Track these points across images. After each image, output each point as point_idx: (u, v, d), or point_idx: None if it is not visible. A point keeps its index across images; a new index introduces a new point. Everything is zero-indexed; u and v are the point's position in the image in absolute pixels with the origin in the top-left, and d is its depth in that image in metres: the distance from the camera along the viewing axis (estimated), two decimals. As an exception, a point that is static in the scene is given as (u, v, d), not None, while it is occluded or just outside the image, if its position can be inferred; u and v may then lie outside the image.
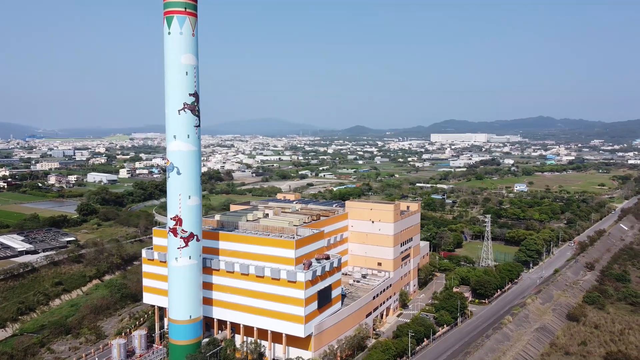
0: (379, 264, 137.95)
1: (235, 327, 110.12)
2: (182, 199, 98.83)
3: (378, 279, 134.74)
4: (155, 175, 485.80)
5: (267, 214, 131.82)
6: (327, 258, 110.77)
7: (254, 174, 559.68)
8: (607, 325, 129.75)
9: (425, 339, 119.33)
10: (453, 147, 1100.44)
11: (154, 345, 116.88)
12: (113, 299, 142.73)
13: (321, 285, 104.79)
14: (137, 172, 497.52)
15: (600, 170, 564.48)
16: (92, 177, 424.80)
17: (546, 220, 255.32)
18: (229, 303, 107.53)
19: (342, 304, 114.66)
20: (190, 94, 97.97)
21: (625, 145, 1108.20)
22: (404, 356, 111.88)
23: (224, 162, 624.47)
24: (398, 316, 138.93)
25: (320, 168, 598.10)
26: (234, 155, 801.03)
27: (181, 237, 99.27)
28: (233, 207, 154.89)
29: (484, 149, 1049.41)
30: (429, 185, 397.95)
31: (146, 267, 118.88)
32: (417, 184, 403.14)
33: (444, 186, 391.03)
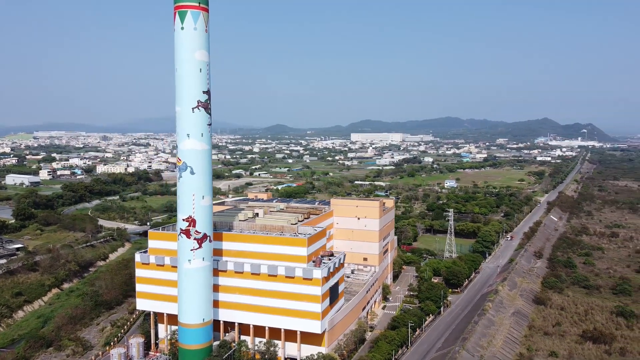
0: (365, 259, 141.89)
1: (242, 328, 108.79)
2: (195, 199, 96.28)
3: (365, 274, 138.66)
4: (79, 177, 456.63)
5: (257, 214, 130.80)
6: (331, 255, 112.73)
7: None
8: (571, 307, 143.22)
9: (417, 329, 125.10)
10: (374, 146, 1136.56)
11: (150, 352, 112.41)
12: (87, 308, 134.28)
13: (332, 281, 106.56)
14: (58, 173, 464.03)
15: (515, 167, 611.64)
16: (12, 179, 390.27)
17: (485, 214, 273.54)
18: (237, 304, 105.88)
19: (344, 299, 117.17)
20: (204, 92, 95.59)
21: (528, 143, 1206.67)
22: (403, 346, 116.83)
23: (150, 162, 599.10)
24: (383, 308, 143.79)
25: (253, 167, 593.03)
26: (157, 155, 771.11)
27: (195, 239, 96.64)
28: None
29: (402, 148, 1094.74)
30: (367, 182, 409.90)
31: (140, 272, 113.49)
32: (356, 182, 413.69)
33: (382, 183, 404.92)
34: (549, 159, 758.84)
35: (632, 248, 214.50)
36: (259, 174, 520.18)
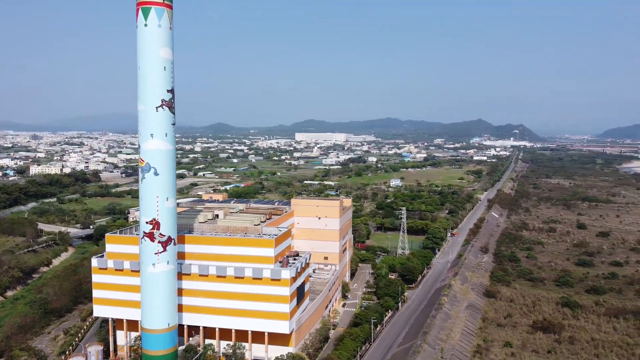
0: (326, 257, 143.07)
1: (207, 332, 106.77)
2: (160, 201, 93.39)
3: (327, 273, 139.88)
4: (11, 178, 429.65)
5: (218, 215, 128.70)
6: (297, 255, 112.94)
7: (123, 174, 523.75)
8: (520, 299, 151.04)
9: (378, 325, 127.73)
10: (319, 145, 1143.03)
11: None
12: (36, 316, 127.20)
13: (299, 281, 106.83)
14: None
15: (454, 166, 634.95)
16: None
17: (432, 211, 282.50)
18: (202, 307, 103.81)
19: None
20: (168, 90, 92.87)
21: (464, 143, 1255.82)
22: (366, 342, 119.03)
23: (87, 162, 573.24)
24: (343, 306, 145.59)
25: (197, 167, 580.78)
26: (93, 155, 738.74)
27: (159, 242, 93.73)
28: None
29: (346, 148, 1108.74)
30: (316, 182, 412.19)
31: (97, 278, 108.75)
32: (305, 182, 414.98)
33: (331, 183, 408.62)
34: (485, 158, 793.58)
35: (570, 242, 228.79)
36: (204, 174, 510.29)
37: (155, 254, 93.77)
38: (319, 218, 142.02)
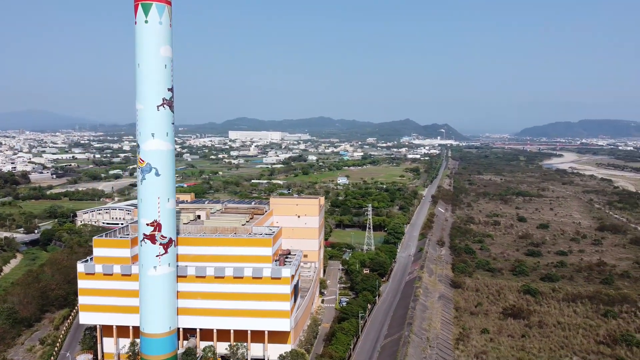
0: (306, 255, 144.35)
1: (203, 334, 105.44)
2: (161, 202, 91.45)
3: (307, 270, 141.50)
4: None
5: (199, 216, 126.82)
6: (289, 253, 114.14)
7: (54, 176, 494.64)
8: (484, 289, 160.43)
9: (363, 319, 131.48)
10: (255, 144, 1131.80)
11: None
12: (6, 327, 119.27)
13: (295, 279, 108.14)
14: None
15: (392, 164, 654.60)
16: None
17: (384, 207, 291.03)
18: (200, 309, 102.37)
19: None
20: (168, 89, 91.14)
21: (396, 142, 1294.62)
22: (354, 336, 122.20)
23: (13, 163, 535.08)
24: (322, 302, 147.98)
25: (131, 167, 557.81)
26: (15, 155, 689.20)
27: (160, 244, 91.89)
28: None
29: (283, 147, 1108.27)
30: (264, 181, 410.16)
31: (84, 284, 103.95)
32: (253, 181, 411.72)
33: (279, 182, 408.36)
34: (419, 156, 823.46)
35: (515, 234, 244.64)
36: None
37: (157, 256, 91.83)
38: (299, 216, 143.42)
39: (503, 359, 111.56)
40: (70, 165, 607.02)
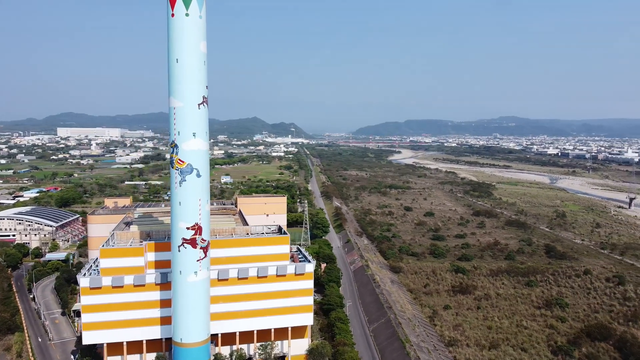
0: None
1: (223, 338, 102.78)
2: (202, 204, 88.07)
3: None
4: None
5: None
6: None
7: None
8: (420, 271, 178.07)
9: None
10: (95, 142, 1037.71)
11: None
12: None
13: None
14: None
15: (263, 162, 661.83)
16: None
17: (289, 204, 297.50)
18: (222, 313, 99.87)
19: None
20: (206, 86, 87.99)
21: (249, 140, 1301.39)
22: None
23: None
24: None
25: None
26: None
27: (201, 248, 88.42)
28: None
29: (128, 145, 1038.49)
30: (143, 183, 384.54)
31: (88, 299, 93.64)
32: (127, 182, 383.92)
33: (158, 182, 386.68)
34: (282, 154, 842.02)
35: (411, 222, 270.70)
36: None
37: (197, 260, 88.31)
38: (267, 215, 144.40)
39: (476, 328, 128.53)
40: None
